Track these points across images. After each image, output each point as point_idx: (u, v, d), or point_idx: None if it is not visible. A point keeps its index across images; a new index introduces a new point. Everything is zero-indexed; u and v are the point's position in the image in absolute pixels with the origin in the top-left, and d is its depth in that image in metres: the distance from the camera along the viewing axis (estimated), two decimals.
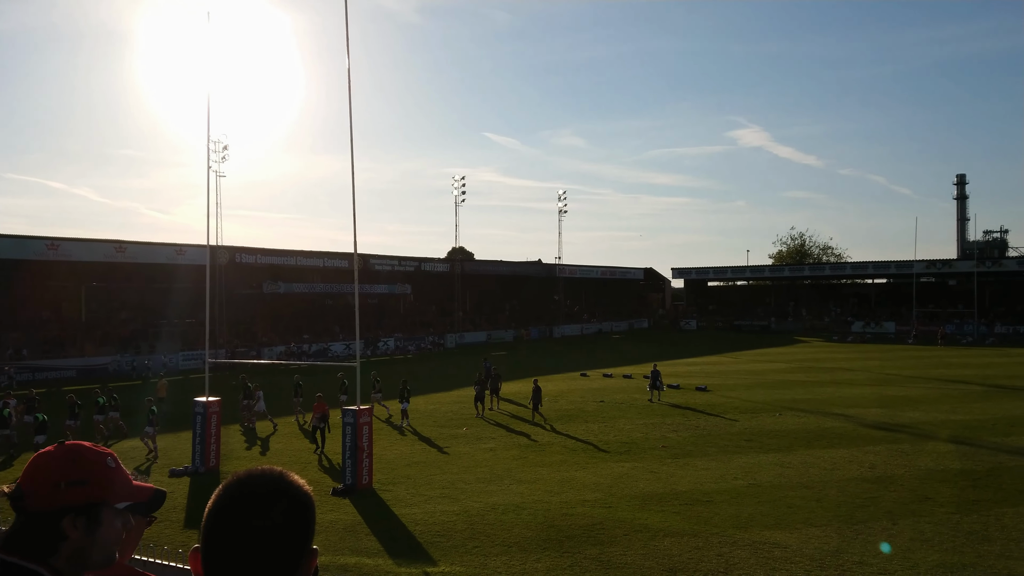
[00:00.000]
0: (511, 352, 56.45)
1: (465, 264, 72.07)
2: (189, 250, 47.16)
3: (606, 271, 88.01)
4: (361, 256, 59.43)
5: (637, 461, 18.69)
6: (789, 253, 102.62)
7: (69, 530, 1.74)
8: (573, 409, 27.17)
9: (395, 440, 21.90)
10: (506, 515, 14.06)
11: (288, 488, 1.49)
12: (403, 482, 16.84)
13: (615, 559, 11.63)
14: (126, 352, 44.54)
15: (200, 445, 18.61)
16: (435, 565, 11.51)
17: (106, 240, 46.17)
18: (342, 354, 52.04)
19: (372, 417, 18.05)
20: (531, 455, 19.60)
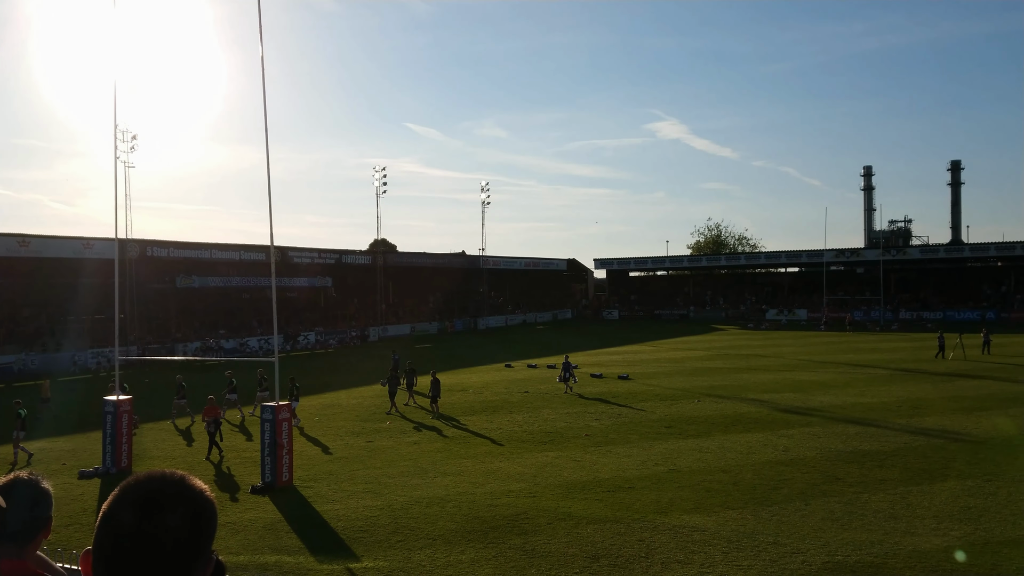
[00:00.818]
0: (436, 344, 56.22)
1: (387, 256, 71.37)
2: (97, 243, 45.19)
3: (529, 262, 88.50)
4: (279, 248, 58.22)
5: (561, 450, 18.86)
6: (707, 243, 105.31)
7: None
8: (498, 400, 27.24)
9: (318, 435, 21.52)
10: (431, 508, 13.99)
11: (186, 492, 1.43)
12: (324, 478, 16.57)
13: (539, 548, 11.71)
14: (31, 351, 42.45)
15: (111, 445, 17.90)
16: (358, 561, 11.36)
17: (8, 234, 43.82)
18: (259, 349, 50.87)
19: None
20: (456, 447, 19.56)
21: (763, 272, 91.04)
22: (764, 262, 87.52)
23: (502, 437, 20.79)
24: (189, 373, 27.25)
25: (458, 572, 10.78)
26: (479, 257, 78.64)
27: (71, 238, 46.11)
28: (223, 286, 56.83)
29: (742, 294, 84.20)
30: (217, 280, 55.76)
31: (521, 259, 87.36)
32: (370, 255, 70.41)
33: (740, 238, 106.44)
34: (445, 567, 10.99)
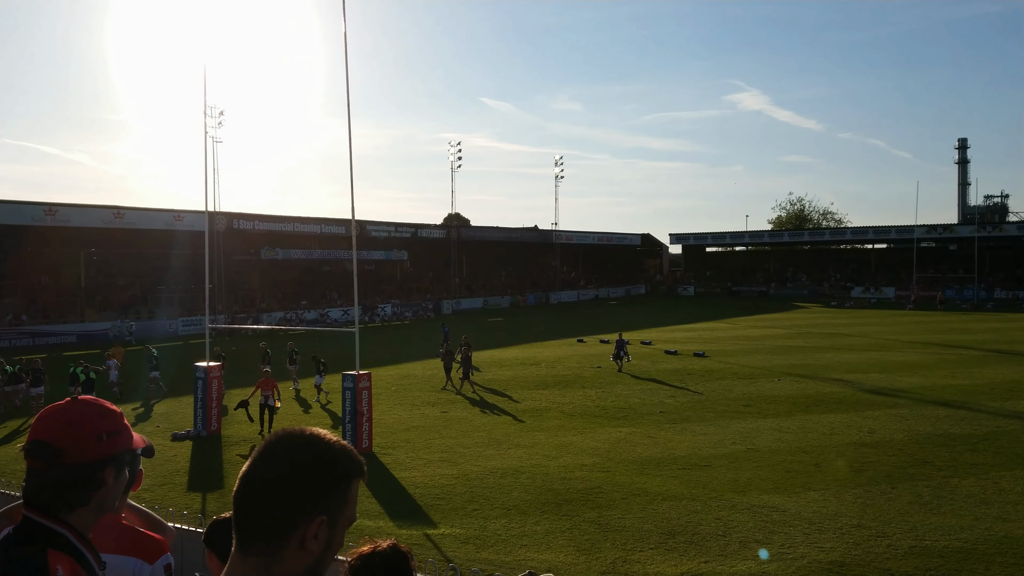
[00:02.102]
0: (507, 318, 56.53)
1: (461, 230, 71.87)
2: (187, 216, 46.92)
3: (603, 237, 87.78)
4: (358, 222, 59.26)
5: (635, 426, 18.76)
6: (788, 218, 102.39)
7: (109, 479, 1.87)
8: (570, 375, 27.24)
9: (394, 405, 21.97)
10: (505, 479, 14.13)
11: (292, 445, 1.47)
12: (402, 446, 16.91)
13: (613, 522, 11.71)
14: (126, 318, 44.52)
15: (202, 409, 18.65)
16: (435, 527, 11.58)
17: (104, 206, 45.90)
18: (340, 320, 52.10)
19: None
20: (529, 420, 19.67)
21: (848, 248, 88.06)
22: (850, 238, 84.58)
23: (575, 411, 20.80)
24: (272, 341, 28.10)
25: (533, 542, 10.88)
26: (552, 231, 78.43)
27: (163, 210, 47.98)
28: (305, 258, 58.33)
29: (826, 271, 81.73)
30: (299, 252, 57.25)
31: (594, 233, 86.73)
32: (444, 229, 71.06)
33: (824, 213, 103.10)
34: (520, 537, 11.10)
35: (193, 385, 19.17)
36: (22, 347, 37.12)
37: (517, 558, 10.14)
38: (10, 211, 41.74)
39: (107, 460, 1.85)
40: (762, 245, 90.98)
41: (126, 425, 1.95)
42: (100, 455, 1.85)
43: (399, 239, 64.05)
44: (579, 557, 10.33)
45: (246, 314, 48.43)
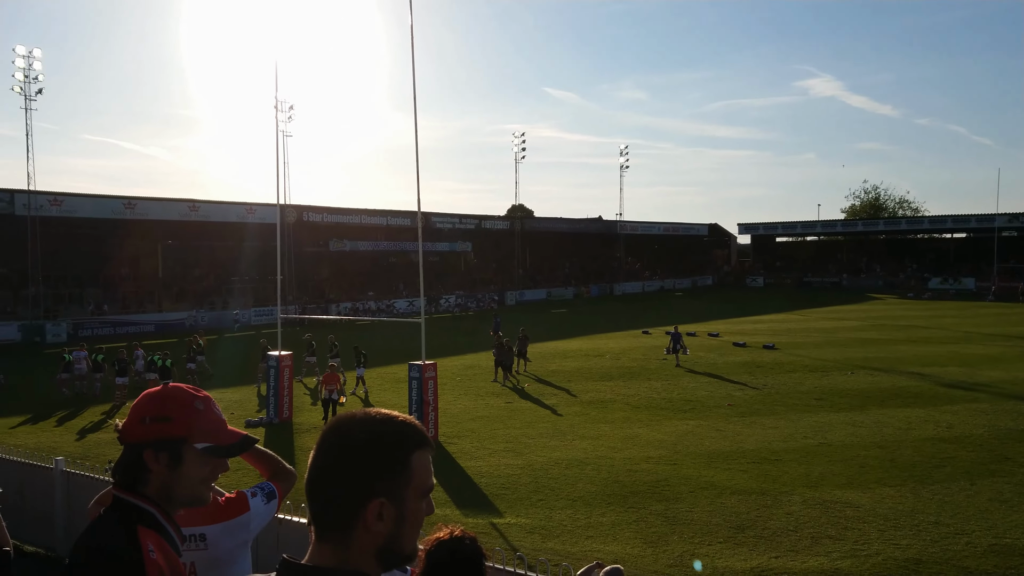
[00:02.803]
0: (571, 309, 56.40)
1: (525, 221, 71.93)
2: (259, 209, 48.22)
3: (668, 227, 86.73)
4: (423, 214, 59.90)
5: (702, 419, 18.52)
6: (862, 207, 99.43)
7: (150, 462, 1.89)
8: (635, 367, 27.04)
9: (459, 395, 22.18)
10: (570, 469, 14.13)
11: (355, 425, 1.50)
12: (467, 436, 17.06)
13: (681, 515, 11.59)
14: (201, 308, 46.01)
15: (274, 397, 19.15)
16: (501, 516, 11.66)
17: (180, 199, 47.50)
18: (406, 311, 52.79)
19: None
20: (593, 412, 19.61)
21: (926, 238, 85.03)
22: (927, 227, 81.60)
23: (640, 403, 20.65)
24: (340, 332, 28.66)
25: (599, 534, 10.86)
26: (616, 222, 77.83)
27: (236, 203, 49.39)
28: (372, 250, 59.24)
29: (901, 261, 79.09)
30: (366, 244, 58.18)
31: (659, 224, 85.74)
32: (508, 220, 71.23)
33: (900, 201, 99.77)
34: (586, 528, 11.10)
35: (266, 373, 19.70)
36: (104, 336, 38.74)
37: (583, 549, 10.14)
38: (93, 205, 43.54)
39: (146, 444, 1.90)
40: (835, 235, 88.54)
41: (188, 416, 1.94)
42: (139, 437, 1.91)
43: (463, 230, 64.49)
44: (646, 549, 10.27)
45: (316, 304, 49.51)
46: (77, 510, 9.27)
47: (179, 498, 1.95)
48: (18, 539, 9.86)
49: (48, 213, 40.82)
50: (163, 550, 1.84)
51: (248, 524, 2.85)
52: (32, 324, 38.87)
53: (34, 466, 9.93)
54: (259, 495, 2.94)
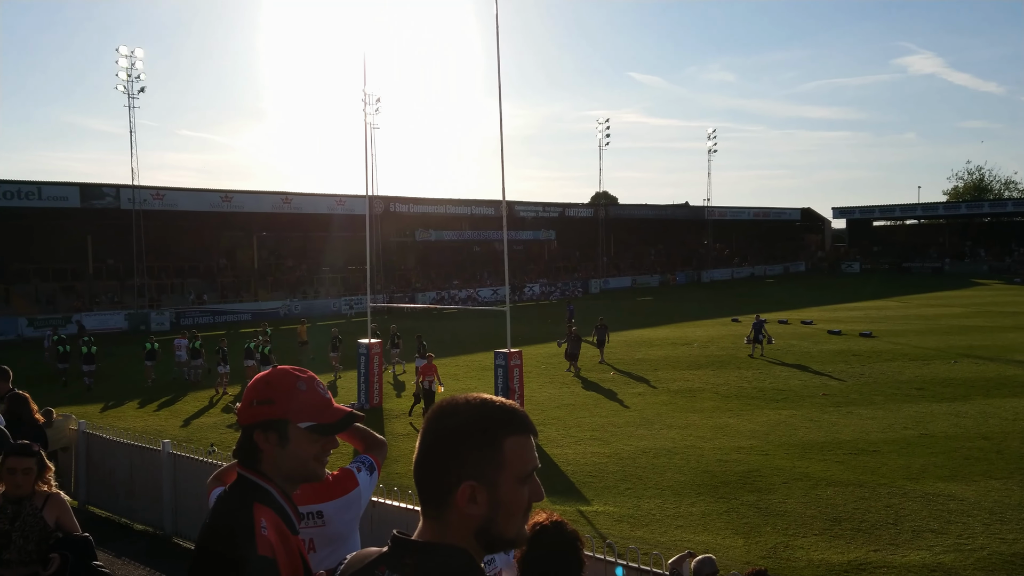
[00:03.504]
0: (657, 297, 55.68)
1: (609, 208, 71.29)
2: (348, 200, 49.33)
3: (758, 212, 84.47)
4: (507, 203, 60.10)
5: (795, 409, 18.02)
6: (966, 189, 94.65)
7: (260, 443, 1.99)
8: (724, 355, 26.50)
9: (544, 383, 22.21)
10: (658, 459, 13.97)
11: (455, 408, 1.53)
12: (553, 423, 17.07)
13: (774, 506, 11.31)
14: (294, 297, 47.51)
15: (364, 383, 19.61)
16: (588, 504, 11.64)
17: (273, 192, 49.07)
18: (490, 299, 53.19)
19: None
20: (681, 401, 19.33)
21: None
22: None
23: (730, 393, 20.24)
24: (426, 321, 29.09)
25: (689, 523, 10.71)
26: (703, 208, 76.32)
27: (326, 195, 50.67)
28: (456, 239, 59.88)
29: (1008, 245, 74.91)
30: (451, 234, 58.84)
31: (749, 209, 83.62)
32: (592, 208, 70.75)
33: (1007, 182, 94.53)
34: (675, 517, 10.96)
35: (356, 360, 20.19)
36: (204, 324, 40.44)
37: (673, 538, 10.02)
38: (192, 198, 45.42)
39: (255, 425, 2.00)
40: (936, 218, 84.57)
41: (289, 396, 2.03)
42: (250, 419, 2.02)
43: (547, 219, 64.42)
44: (738, 540, 10.07)
45: (402, 293, 50.42)
46: (183, 490, 9.71)
47: (293, 476, 2.03)
48: (128, 518, 10.43)
49: (151, 207, 42.78)
50: (276, 527, 1.90)
51: (359, 499, 2.96)
52: (137, 313, 40.91)
53: (143, 448, 10.43)
54: (363, 469, 3.03)
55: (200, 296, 45.15)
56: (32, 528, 4.49)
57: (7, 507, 4.51)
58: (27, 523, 4.48)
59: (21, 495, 4.53)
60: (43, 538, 4.51)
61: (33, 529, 4.49)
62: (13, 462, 4.53)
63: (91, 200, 40.87)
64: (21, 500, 4.52)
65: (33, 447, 4.65)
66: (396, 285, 53.00)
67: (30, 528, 4.48)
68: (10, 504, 4.52)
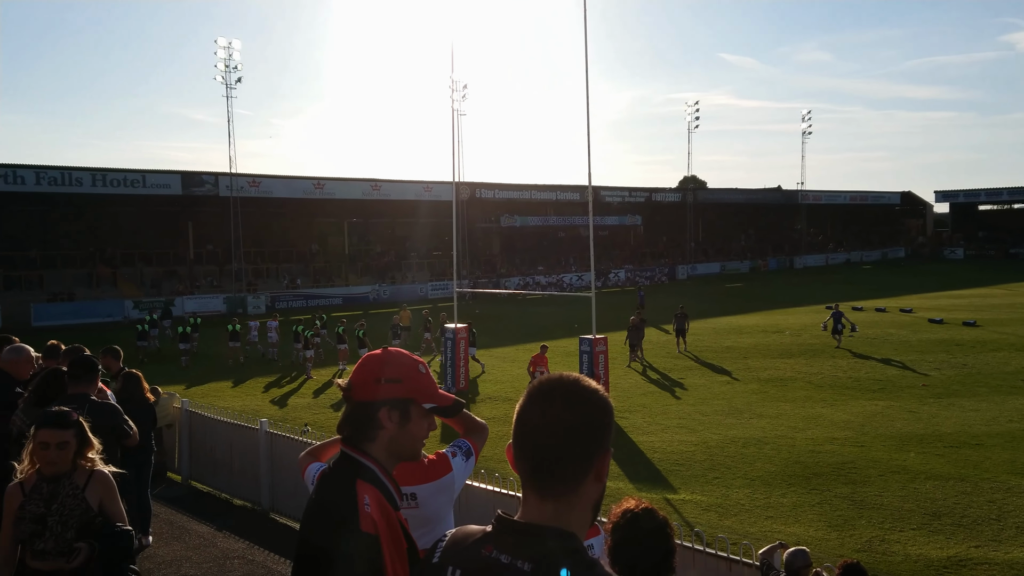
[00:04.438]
0: (747, 283, 54.43)
1: (698, 193, 69.92)
2: (435, 187, 49.98)
3: (855, 196, 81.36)
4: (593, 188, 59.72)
5: (893, 400, 17.36)
6: None
7: (384, 420, 2.06)
8: (817, 344, 25.71)
9: (629, 370, 22.06)
10: (747, 448, 13.71)
11: (578, 389, 1.56)
12: (639, 411, 16.94)
13: (869, 499, 10.95)
14: (383, 282, 48.54)
15: (451, 367, 19.90)
16: (675, 493, 11.52)
17: (363, 179, 50.11)
18: (575, 285, 53.05)
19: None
20: (772, 390, 18.88)
21: None
22: None
23: (823, 382, 19.65)
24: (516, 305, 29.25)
25: (779, 514, 10.48)
26: (797, 192, 73.98)
27: (414, 182, 51.47)
28: (541, 225, 59.88)
29: None
30: (536, 219, 58.88)
31: (845, 192, 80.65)
32: (680, 192, 69.56)
33: None
34: (765, 508, 10.74)
35: (443, 345, 20.51)
36: (297, 308, 41.79)
37: (763, 529, 9.83)
38: (286, 185, 46.87)
39: (382, 403, 2.06)
40: None
41: (415, 377, 2.13)
42: (375, 396, 2.07)
43: (633, 203, 63.73)
44: (831, 533, 9.80)
45: (487, 279, 50.82)
46: (279, 467, 10.08)
47: (402, 453, 2.11)
48: (229, 493, 10.90)
49: (248, 194, 44.35)
50: (379, 503, 1.96)
51: (453, 483, 3.01)
52: (235, 297, 42.57)
53: (242, 427, 10.87)
54: (459, 454, 3.08)
55: (294, 280, 46.62)
56: (72, 512, 3.87)
57: (42, 486, 3.89)
58: (65, 505, 3.87)
59: (58, 472, 3.89)
60: (85, 523, 3.90)
61: (73, 513, 3.87)
62: (45, 435, 3.87)
63: (191, 188, 42.68)
64: (58, 479, 3.90)
65: (71, 416, 3.99)
66: (481, 270, 53.45)
67: (69, 512, 3.87)
68: (46, 483, 3.89)
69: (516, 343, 27.06)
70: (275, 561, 8.20)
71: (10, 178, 36.94)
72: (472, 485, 7.65)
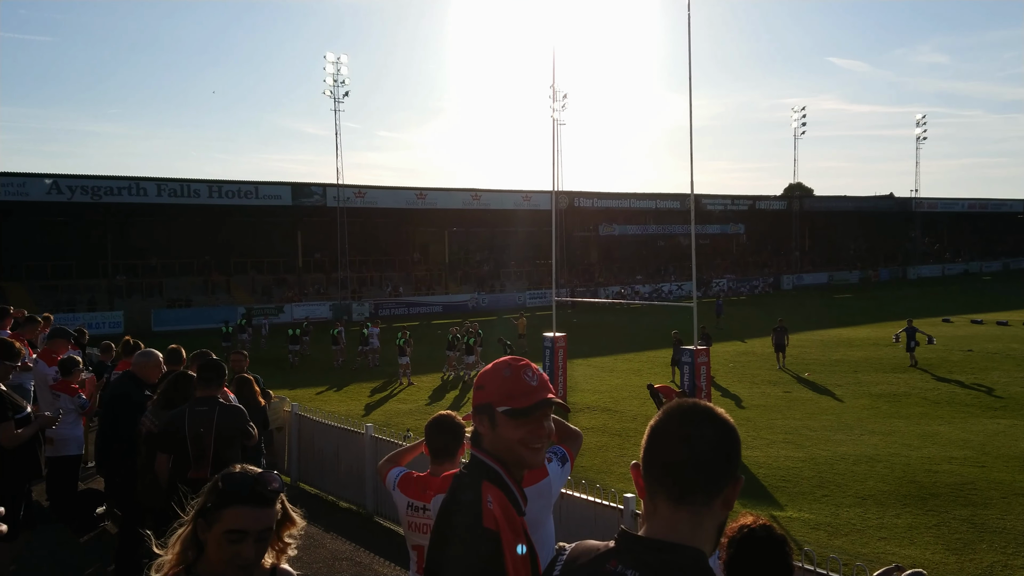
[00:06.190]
0: (857, 295, 52.31)
1: (804, 200, 67.73)
2: (534, 196, 50.29)
3: (974, 203, 77.02)
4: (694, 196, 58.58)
5: (1017, 419, 16.33)
6: None
7: (477, 425, 2.18)
8: (934, 358, 24.46)
9: (733, 382, 21.56)
10: (858, 466, 13.17)
11: (715, 414, 1.59)
12: (743, 424, 16.52)
13: (991, 523, 10.34)
14: (482, 290, 49.14)
15: (549, 375, 19.90)
16: (782, 510, 11.19)
17: (463, 189, 50.94)
18: (674, 294, 52.26)
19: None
20: (884, 406, 18.08)
21: None
22: None
23: (940, 398, 18.67)
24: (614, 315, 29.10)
25: (893, 536, 10.03)
26: (910, 199, 70.67)
27: (513, 191, 51.94)
28: (640, 234, 59.33)
29: None
30: (635, 228, 58.40)
31: (963, 200, 76.45)
32: (785, 200, 67.57)
33: None
34: (878, 528, 10.30)
35: (542, 354, 20.58)
36: (399, 315, 42.78)
37: (875, 550, 9.43)
38: (390, 196, 48.14)
39: (474, 408, 2.21)
40: None
41: (497, 382, 2.18)
42: (474, 401, 2.22)
43: (735, 212, 62.34)
44: (949, 556, 9.31)
45: (584, 288, 50.70)
46: None
47: (506, 459, 2.14)
48: (334, 495, 11.26)
49: (354, 204, 45.79)
50: (502, 504, 2.03)
51: (550, 488, 3.02)
52: (341, 304, 43.97)
53: (348, 431, 11.18)
54: (554, 460, 3.10)
55: (396, 288, 47.77)
56: None
57: None
58: None
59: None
60: None
61: None
62: (241, 518, 2.26)
63: (301, 199, 44.40)
64: None
65: (275, 483, 2.35)
66: (579, 279, 53.36)
67: None
68: None
69: (614, 353, 26.90)
70: (380, 564, 8.42)
71: (134, 190, 39.35)
72: (571, 495, 7.65)
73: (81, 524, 8.59)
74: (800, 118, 65.24)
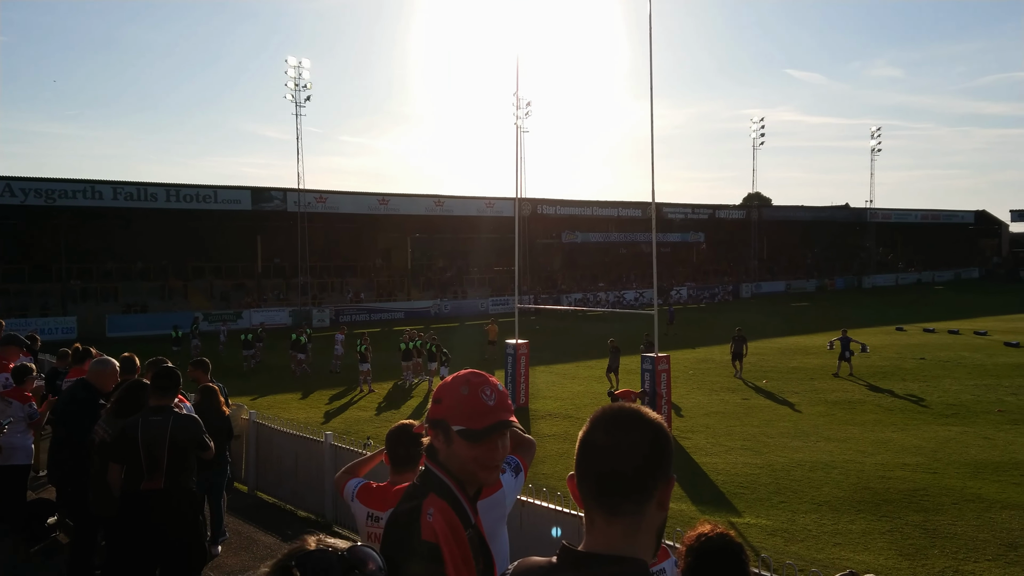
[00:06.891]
0: (813, 303, 53.22)
1: (762, 210, 68.79)
2: (497, 202, 50.33)
3: (927, 214, 78.92)
4: (656, 204, 59.17)
5: (967, 425, 16.75)
6: None
7: (432, 439, 2.14)
8: (888, 366, 24.99)
9: (692, 389, 21.78)
10: (814, 472, 13.38)
11: (643, 417, 1.58)
12: (702, 431, 16.71)
13: (943, 528, 10.58)
14: (444, 297, 48.98)
15: (511, 383, 19.93)
16: (740, 516, 11.31)
17: (426, 195, 50.79)
18: (635, 302, 52.66)
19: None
20: (840, 413, 18.41)
21: None
22: None
23: (893, 406, 19.07)
24: (576, 321, 29.21)
25: (848, 541, 10.20)
26: (866, 210, 72.19)
27: (476, 198, 51.92)
28: (602, 241, 59.70)
29: None
30: (597, 236, 58.75)
31: (916, 211, 78.29)
32: (744, 209, 68.57)
33: None
34: (833, 534, 10.47)
35: (504, 360, 20.57)
36: (360, 322, 42.44)
37: (831, 556, 9.58)
38: (352, 201, 47.80)
39: (428, 421, 2.17)
40: None
41: (452, 398, 2.12)
42: (428, 416, 2.19)
43: (696, 220, 63.07)
44: (902, 562, 9.50)
45: (547, 295, 50.84)
46: None
47: (460, 475, 2.10)
48: (293, 504, 11.11)
49: (314, 209, 45.38)
50: (446, 516, 2.00)
51: (504, 500, 2.99)
52: (300, 310, 43.50)
53: (307, 439, 11.06)
54: (507, 470, 3.04)
55: (357, 294, 47.41)
56: None
57: None
58: None
59: None
60: None
61: None
62: None
63: (261, 203, 43.87)
64: None
65: (371, 566, 1.58)
66: (542, 286, 53.52)
67: None
68: None
69: (576, 359, 27.02)
70: None
71: (89, 193, 38.54)
72: (532, 503, 7.64)
73: (32, 534, 8.38)
74: (759, 129, 66.37)
